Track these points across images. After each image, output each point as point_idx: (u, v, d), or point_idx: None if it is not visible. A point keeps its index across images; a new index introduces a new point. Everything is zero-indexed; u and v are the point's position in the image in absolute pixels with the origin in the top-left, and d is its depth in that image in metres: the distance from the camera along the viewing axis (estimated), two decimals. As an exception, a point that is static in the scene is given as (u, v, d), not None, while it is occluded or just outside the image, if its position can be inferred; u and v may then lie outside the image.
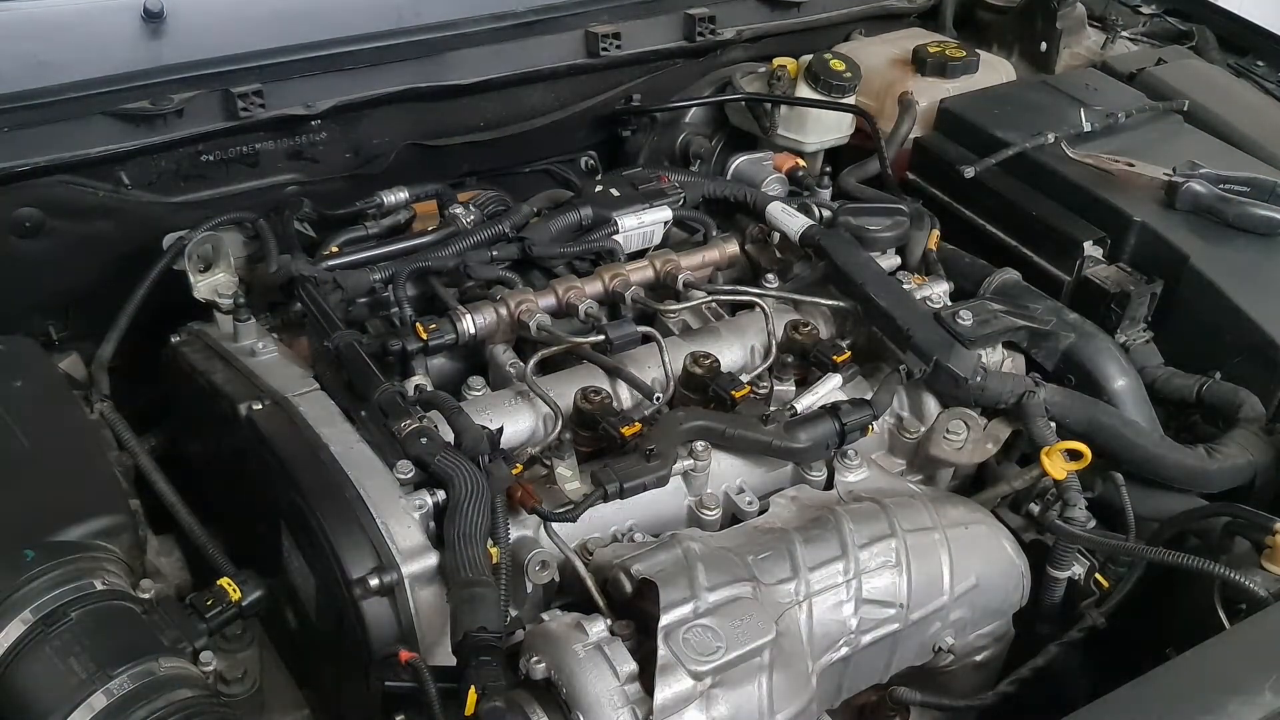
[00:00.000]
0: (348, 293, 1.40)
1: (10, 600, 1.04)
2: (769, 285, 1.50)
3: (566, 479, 1.23)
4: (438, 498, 1.14)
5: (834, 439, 1.31)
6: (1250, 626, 1.14)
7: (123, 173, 1.49)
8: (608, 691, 1.04)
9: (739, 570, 1.16)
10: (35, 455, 1.18)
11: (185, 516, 1.29)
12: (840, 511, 1.26)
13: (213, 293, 1.42)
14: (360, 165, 1.66)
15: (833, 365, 1.39)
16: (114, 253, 1.50)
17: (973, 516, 1.31)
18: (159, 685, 0.99)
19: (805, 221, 1.52)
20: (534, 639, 1.10)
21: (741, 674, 1.09)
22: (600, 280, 1.45)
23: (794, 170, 1.70)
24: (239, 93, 1.49)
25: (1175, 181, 1.56)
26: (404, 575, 1.10)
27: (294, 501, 1.15)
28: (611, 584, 1.16)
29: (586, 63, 1.75)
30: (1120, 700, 1.01)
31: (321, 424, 1.22)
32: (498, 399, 1.33)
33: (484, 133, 1.73)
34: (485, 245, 1.49)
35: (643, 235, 1.55)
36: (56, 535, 1.10)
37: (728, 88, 1.85)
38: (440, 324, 1.35)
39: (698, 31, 1.81)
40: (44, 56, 1.46)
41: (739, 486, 1.32)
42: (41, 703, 0.99)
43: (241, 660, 1.19)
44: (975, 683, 1.37)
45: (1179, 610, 1.30)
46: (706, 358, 1.38)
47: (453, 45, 1.67)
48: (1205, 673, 1.06)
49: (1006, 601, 1.32)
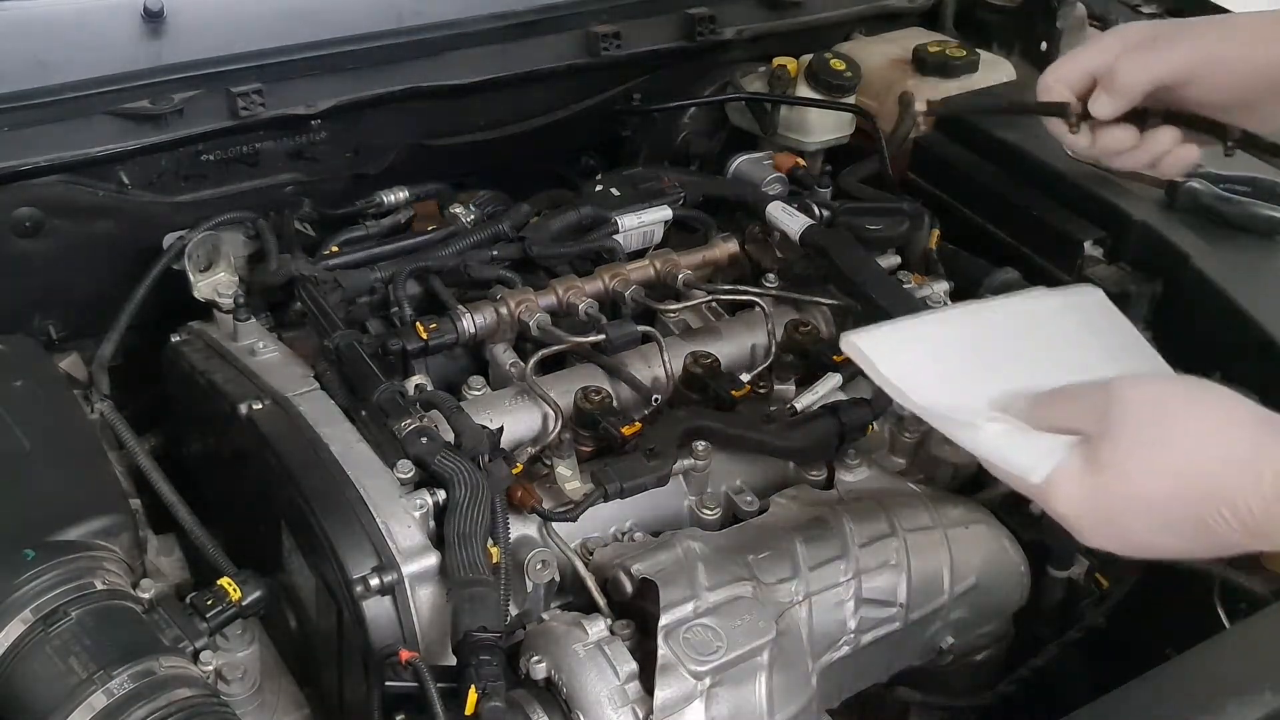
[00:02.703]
0: (348, 292, 1.40)
1: (10, 600, 1.04)
2: (769, 285, 1.50)
3: (566, 479, 1.23)
4: (438, 497, 1.14)
5: (834, 439, 1.31)
6: (1250, 626, 1.15)
7: (123, 172, 1.49)
8: (608, 691, 1.05)
9: (739, 570, 1.16)
10: (35, 455, 1.18)
11: (185, 516, 1.29)
12: (840, 511, 1.26)
13: (213, 292, 1.42)
14: (360, 165, 1.66)
15: (833, 365, 1.39)
16: (114, 253, 1.50)
17: (973, 516, 1.31)
18: (159, 685, 0.99)
19: (805, 221, 1.52)
20: (534, 638, 1.10)
21: (742, 673, 1.09)
22: (600, 280, 1.45)
23: (794, 170, 1.70)
24: (239, 92, 1.49)
25: (1175, 181, 1.55)
26: (404, 575, 1.10)
27: (294, 501, 1.15)
28: (611, 584, 1.16)
29: (586, 63, 1.75)
30: (1120, 700, 1.01)
31: (322, 424, 1.22)
32: (498, 399, 1.33)
33: (484, 133, 1.73)
34: (485, 245, 1.49)
35: (643, 235, 1.55)
36: (56, 535, 1.10)
37: (728, 88, 1.85)
38: (440, 323, 1.35)
39: (698, 31, 1.81)
40: (44, 56, 1.46)
41: (739, 486, 1.32)
42: (41, 702, 0.99)
43: (241, 660, 1.19)
44: (975, 683, 1.37)
45: (1179, 610, 1.30)
46: (706, 357, 1.38)
47: (453, 45, 1.67)
48: (1205, 673, 1.06)
49: (1006, 601, 1.32)
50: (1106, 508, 0.92)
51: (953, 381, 1.04)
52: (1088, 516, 0.93)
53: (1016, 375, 1.02)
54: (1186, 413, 0.92)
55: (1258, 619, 1.14)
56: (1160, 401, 0.93)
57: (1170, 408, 0.93)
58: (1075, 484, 0.93)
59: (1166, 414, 0.92)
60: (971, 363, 1.06)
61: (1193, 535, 0.90)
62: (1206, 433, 0.90)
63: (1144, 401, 0.93)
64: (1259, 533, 0.86)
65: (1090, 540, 0.95)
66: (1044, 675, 1.33)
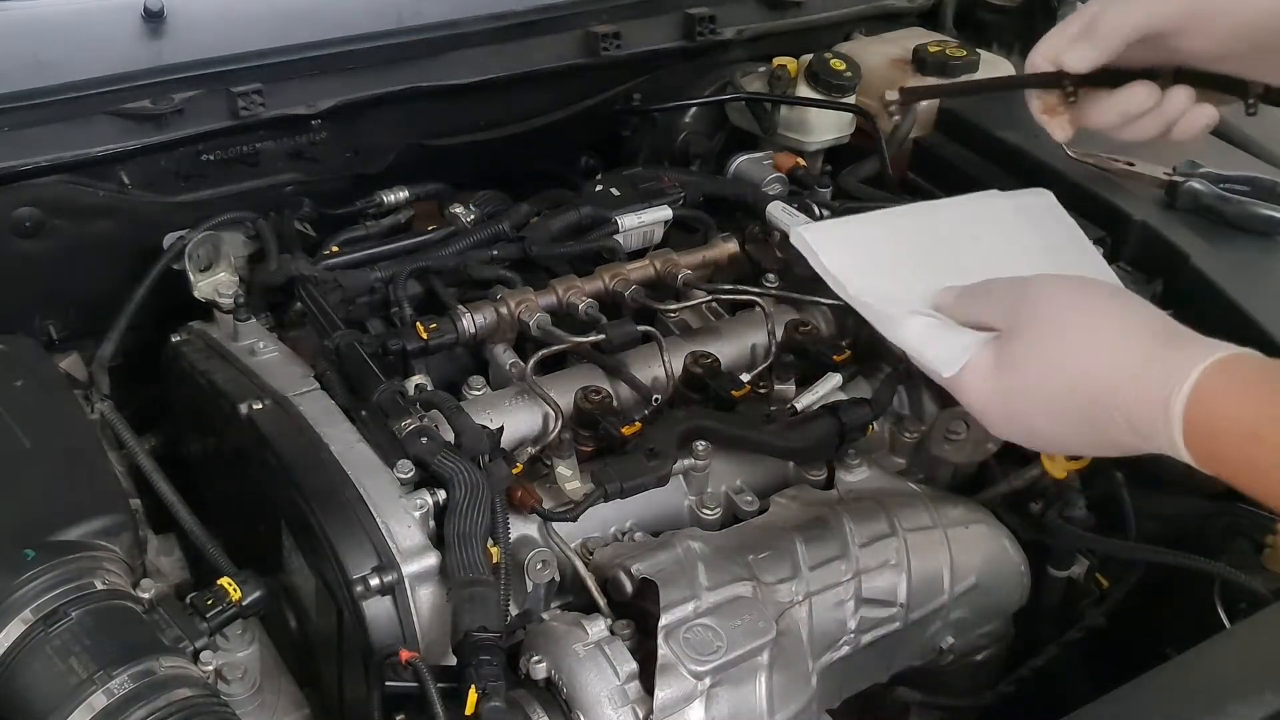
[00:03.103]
0: (348, 292, 1.40)
1: (10, 600, 1.04)
2: (769, 285, 1.50)
3: (566, 478, 1.23)
4: (438, 497, 1.14)
5: (834, 438, 1.31)
6: (1251, 626, 1.14)
7: (123, 172, 1.48)
8: (608, 691, 1.05)
9: (739, 570, 1.16)
10: (35, 455, 1.18)
11: (185, 516, 1.29)
12: (840, 511, 1.26)
13: (213, 292, 1.42)
14: (360, 165, 1.66)
15: (833, 364, 1.39)
16: (114, 252, 1.50)
17: (973, 516, 1.31)
18: (159, 685, 0.99)
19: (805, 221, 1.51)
20: (534, 638, 1.10)
21: (742, 673, 1.09)
22: (600, 280, 1.45)
23: (794, 170, 1.70)
24: (239, 92, 1.49)
25: (1175, 181, 1.56)
26: (404, 575, 1.09)
27: (294, 501, 1.15)
28: (611, 583, 1.16)
29: (586, 63, 1.75)
30: (1120, 700, 1.01)
31: (322, 423, 1.22)
32: (498, 399, 1.33)
33: (484, 133, 1.73)
34: (485, 244, 1.49)
35: (643, 234, 1.55)
36: (56, 535, 1.10)
37: (728, 88, 1.85)
38: (440, 323, 1.34)
39: (697, 31, 1.81)
40: (44, 56, 1.46)
41: (739, 486, 1.33)
42: (41, 702, 0.99)
43: (241, 660, 1.19)
44: (975, 683, 1.37)
45: (1179, 610, 1.30)
46: (706, 357, 1.38)
47: (453, 45, 1.67)
48: (1205, 673, 1.06)
49: (1006, 601, 1.32)
50: (1010, 402, 0.95)
51: (891, 276, 1.06)
52: (993, 410, 0.96)
53: (956, 273, 1.04)
54: (1090, 316, 0.93)
55: (1258, 619, 1.14)
56: (1069, 302, 0.94)
57: (1077, 309, 0.94)
58: (983, 378, 0.95)
59: (1072, 315, 0.93)
60: (913, 259, 1.08)
61: (1089, 434, 0.92)
62: (1104, 338, 0.91)
63: (1053, 301, 0.95)
64: (1149, 441, 0.88)
65: (998, 432, 0.99)
66: (1044, 675, 1.33)
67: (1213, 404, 0.84)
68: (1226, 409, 0.84)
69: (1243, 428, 0.83)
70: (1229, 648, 1.12)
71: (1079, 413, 0.91)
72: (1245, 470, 0.84)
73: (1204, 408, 0.84)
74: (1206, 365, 0.85)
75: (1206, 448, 0.84)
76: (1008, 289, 0.97)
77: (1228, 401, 0.84)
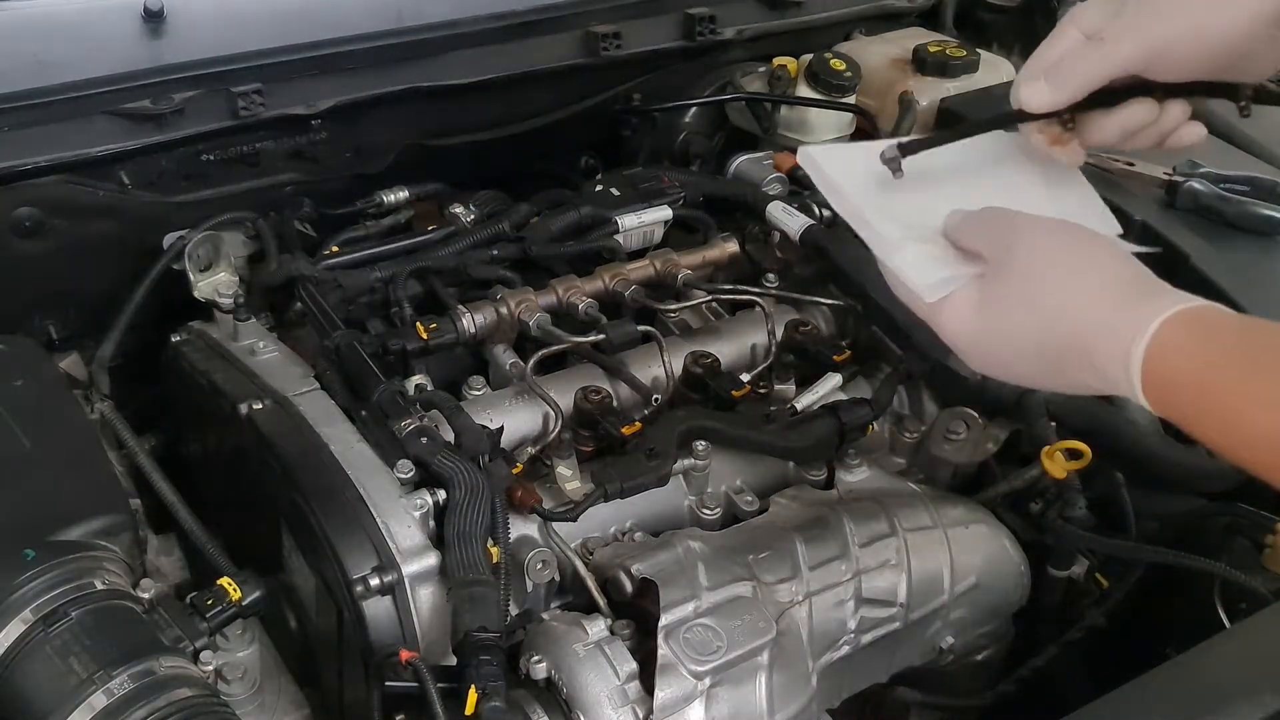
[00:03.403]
0: (348, 292, 1.40)
1: (10, 600, 1.04)
2: (769, 285, 1.50)
3: (566, 478, 1.23)
4: (438, 497, 1.14)
5: (834, 439, 1.31)
6: (1250, 626, 1.14)
7: (123, 172, 1.48)
8: (608, 691, 1.05)
9: (739, 570, 1.16)
10: (35, 455, 1.18)
11: (185, 516, 1.29)
12: (840, 511, 1.26)
13: (213, 292, 1.42)
14: (360, 165, 1.66)
15: (833, 365, 1.39)
16: (114, 253, 1.50)
17: (973, 516, 1.31)
18: (159, 685, 0.99)
19: (805, 221, 1.51)
20: (534, 638, 1.10)
21: (742, 673, 1.09)
22: (600, 280, 1.45)
23: (794, 170, 1.70)
24: (239, 92, 1.49)
25: (1175, 181, 1.56)
26: (404, 575, 1.10)
27: (294, 501, 1.15)
28: (611, 583, 1.16)
29: (586, 63, 1.75)
30: (1120, 700, 1.01)
31: (322, 423, 1.22)
32: (498, 399, 1.33)
33: (484, 133, 1.73)
34: (485, 244, 1.49)
35: (643, 234, 1.55)
36: (56, 535, 1.10)
37: (728, 88, 1.85)
38: (440, 323, 1.34)
39: (697, 31, 1.81)
40: (44, 56, 1.46)
41: (739, 486, 1.33)
42: (41, 702, 0.99)
43: (241, 660, 1.19)
44: (975, 683, 1.37)
45: (1179, 610, 1.30)
46: (706, 357, 1.38)
47: (452, 45, 1.67)
48: (1205, 673, 1.06)
49: (1006, 601, 1.32)
50: (987, 339, 0.96)
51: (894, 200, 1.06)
52: (971, 344, 0.97)
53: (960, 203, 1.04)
54: (1069, 259, 0.95)
55: (1258, 619, 1.14)
56: (1053, 243, 0.96)
57: (1059, 249, 0.95)
58: (963, 309, 0.97)
59: (1053, 256, 0.95)
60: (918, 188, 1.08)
61: (1058, 376, 0.94)
62: (1080, 283, 0.92)
63: (1037, 239, 0.96)
64: (1115, 387, 0.89)
65: (974, 365, 1.00)
66: (1044, 675, 1.33)
67: (1166, 356, 0.86)
68: (1179, 361, 0.86)
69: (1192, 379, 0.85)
70: (1229, 648, 1.12)
71: (1052, 354, 0.93)
72: (1196, 420, 0.86)
73: (1160, 359, 0.86)
74: (1167, 316, 0.87)
75: (1162, 398, 0.87)
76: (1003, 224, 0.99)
77: (1180, 354, 0.86)
